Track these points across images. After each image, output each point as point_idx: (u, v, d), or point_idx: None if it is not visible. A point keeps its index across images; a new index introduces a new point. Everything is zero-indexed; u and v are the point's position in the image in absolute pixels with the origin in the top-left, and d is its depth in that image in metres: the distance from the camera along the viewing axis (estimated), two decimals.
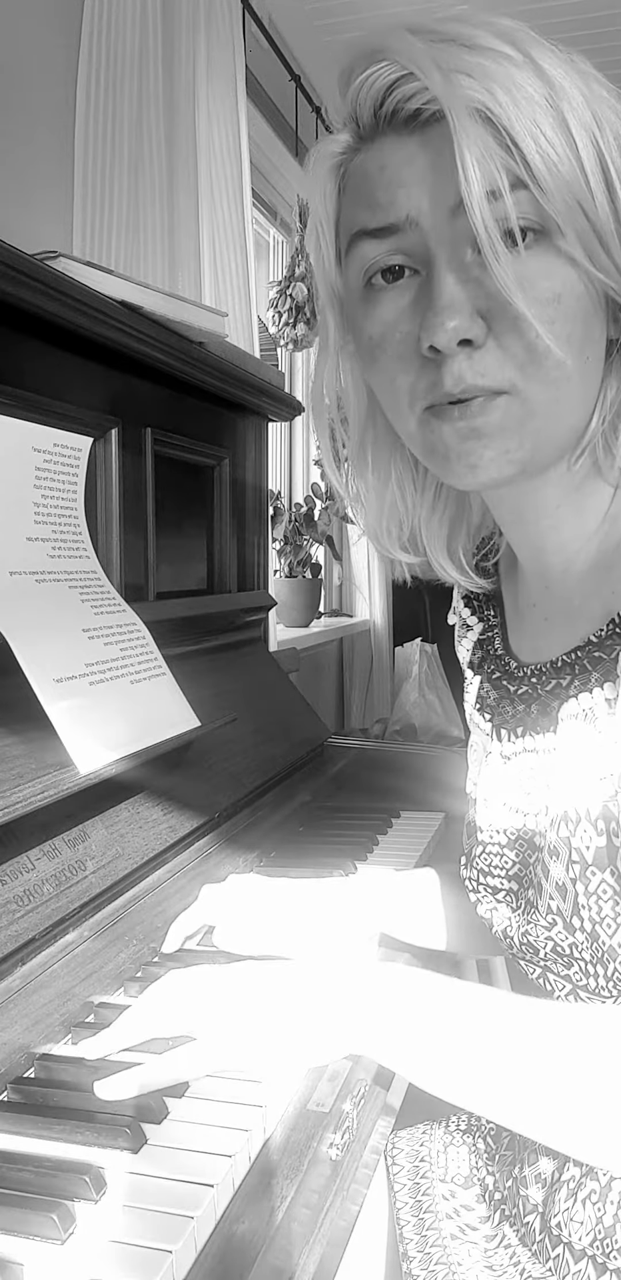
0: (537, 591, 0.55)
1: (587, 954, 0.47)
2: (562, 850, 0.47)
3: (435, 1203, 0.56)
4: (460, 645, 0.64)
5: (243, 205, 1.58)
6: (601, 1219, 0.47)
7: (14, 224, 1.17)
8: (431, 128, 0.43)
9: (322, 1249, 0.42)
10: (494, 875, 0.54)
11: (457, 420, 0.45)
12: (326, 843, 0.89)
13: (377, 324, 0.46)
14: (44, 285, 0.70)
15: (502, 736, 0.55)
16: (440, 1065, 0.44)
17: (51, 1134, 0.45)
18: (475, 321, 0.43)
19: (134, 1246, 0.38)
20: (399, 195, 0.44)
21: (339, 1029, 0.45)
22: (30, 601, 0.69)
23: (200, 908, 0.65)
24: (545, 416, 0.45)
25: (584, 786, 0.46)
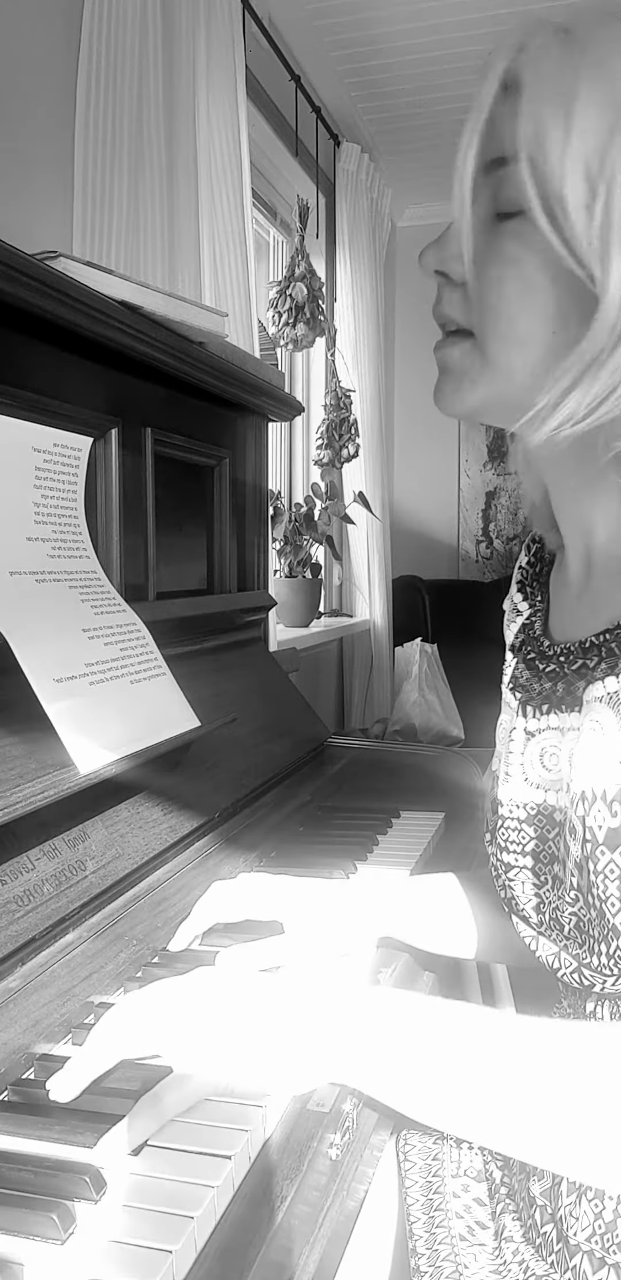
0: (577, 571, 0.56)
1: (596, 931, 0.47)
2: (578, 828, 0.47)
3: (446, 1200, 0.56)
4: (508, 629, 0.65)
5: (243, 205, 1.58)
6: (601, 1214, 0.47)
7: (14, 224, 1.17)
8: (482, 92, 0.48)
9: (323, 1248, 0.42)
10: (511, 850, 0.55)
11: (435, 351, 0.52)
12: (326, 843, 0.89)
13: None
14: (44, 285, 0.70)
15: (528, 713, 0.55)
16: (423, 1093, 0.43)
17: (51, 1134, 0.45)
18: (457, 262, 0.48)
19: (134, 1246, 0.38)
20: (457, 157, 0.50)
21: (321, 1058, 0.44)
22: (30, 601, 0.69)
23: (209, 906, 0.65)
24: (500, 369, 0.49)
25: (602, 768, 0.47)
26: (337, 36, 2.22)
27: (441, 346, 0.51)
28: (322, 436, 2.35)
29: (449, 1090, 0.43)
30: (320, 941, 0.62)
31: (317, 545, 2.21)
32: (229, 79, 1.56)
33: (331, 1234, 0.43)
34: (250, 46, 1.76)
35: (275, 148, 2.18)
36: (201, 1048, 0.44)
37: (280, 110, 2.15)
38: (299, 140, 2.24)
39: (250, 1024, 0.45)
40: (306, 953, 0.60)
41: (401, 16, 2.13)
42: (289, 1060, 0.44)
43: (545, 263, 0.45)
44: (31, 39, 1.23)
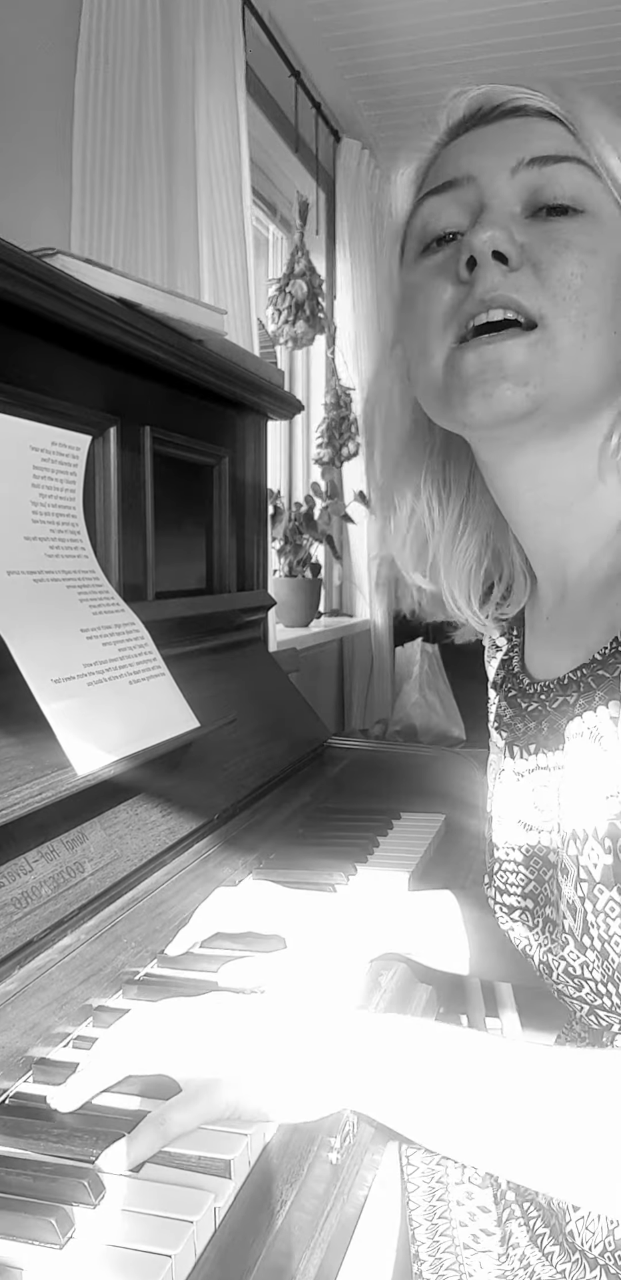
0: (552, 605, 0.55)
1: (598, 973, 0.46)
2: (572, 868, 0.46)
3: (450, 1208, 0.56)
4: (489, 665, 0.64)
5: (242, 202, 1.57)
6: (613, 1230, 0.47)
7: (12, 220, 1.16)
8: (510, 119, 0.49)
9: (323, 1253, 0.42)
10: (510, 893, 0.54)
11: (486, 344, 0.46)
12: (326, 844, 0.88)
13: (422, 271, 0.50)
14: (42, 282, 0.70)
15: (515, 754, 0.55)
16: (432, 1120, 0.43)
17: (50, 1138, 0.45)
18: (513, 245, 0.46)
19: (133, 1251, 0.38)
20: (464, 158, 0.49)
21: (328, 1087, 0.44)
22: (28, 601, 0.68)
23: (212, 913, 0.64)
24: (567, 361, 0.46)
25: (591, 805, 0.46)
26: (338, 32, 2.22)
27: (499, 340, 0.46)
28: (323, 435, 2.35)
29: (458, 1119, 0.43)
30: (321, 958, 0.61)
31: (318, 545, 2.20)
32: (228, 75, 1.55)
33: (331, 1239, 0.42)
34: (250, 43, 1.75)
35: (275, 144, 2.18)
36: (210, 1071, 0.44)
37: (280, 106, 2.14)
38: (299, 136, 2.24)
39: (259, 1050, 0.45)
40: (308, 970, 0.60)
41: (402, 12, 2.12)
42: (297, 1089, 0.44)
43: (612, 259, 0.47)
44: (30, 34, 1.22)
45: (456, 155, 0.50)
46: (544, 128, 0.48)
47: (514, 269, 0.46)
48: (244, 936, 0.65)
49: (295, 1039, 0.45)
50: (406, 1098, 0.44)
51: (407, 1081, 0.44)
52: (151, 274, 1.34)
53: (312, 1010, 0.47)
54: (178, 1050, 0.45)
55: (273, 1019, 0.47)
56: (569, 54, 2.24)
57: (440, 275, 0.48)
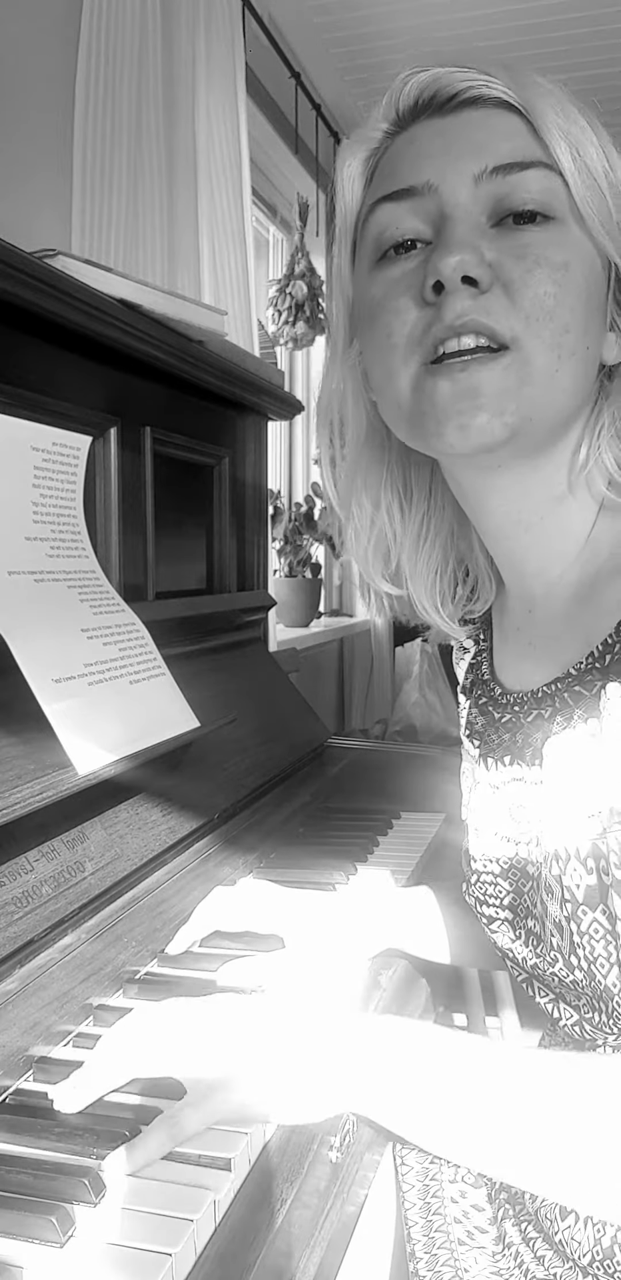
0: (521, 615, 0.54)
1: (588, 991, 0.46)
2: (555, 888, 0.46)
3: (444, 1205, 0.56)
4: (457, 667, 0.64)
5: (242, 203, 1.58)
6: (600, 1240, 0.47)
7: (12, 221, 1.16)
8: (465, 110, 0.46)
9: (323, 1251, 0.42)
10: (489, 904, 0.54)
11: (459, 373, 0.44)
12: (326, 844, 0.88)
13: (382, 285, 0.47)
14: (43, 283, 0.70)
15: (490, 765, 0.54)
16: (433, 1124, 0.43)
17: (50, 1136, 0.45)
18: (483, 266, 0.44)
19: (133, 1249, 0.38)
20: (422, 163, 0.46)
21: (331, 1089, 0.44)
22: (29, 601, 0.68)
23: (210, 911, 0.64)
24: (542, 384, 0.45)
25: (572, 824, 0.45)
26: (338, 33, 2.22)
27: (473, 369, 0.43)
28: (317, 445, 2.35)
29: (456, 1123, 0.43)
30: (320, 957, 0.61)
31: (318, 545, 2.20)
32: (228, 76, 1.56)
33: (331, 1238, 0.43)
34: (250, 43, 1.75)
35: (275, 145, 2.18)
36: (218, 1073, 0.44)
37: (280, 107, 2.15)
38: (299, 137, 2.24)
39: (265, 1053, 0.45)
40: (307, 969, 0.60)
41: (402, 13, 2.12)
42: (301, 1091, 0.44)
43: (586, 270, 0.45)
44: (30, 34, 1.22)
45: (413, 157, 0.46)
46: (504, 124, 0.45)
47: (484, 291, 0.44)
48: (242, 935, 0.65)
49: (299, 1042, 0.45)
50: (406, 1102, 0.44)
51: (407, 1086, 0.44)
52: (152, 275, 1.34)
53: (316, 1012, 0.47)
54: (183, 1052, 0.45)
55: (277, 1021, 0.46)
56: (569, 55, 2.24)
57: (403, 293, 0.46)
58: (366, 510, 0.56)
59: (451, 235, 0.44)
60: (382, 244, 0.47)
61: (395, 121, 0.48)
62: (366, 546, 0.56)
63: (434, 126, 0.46)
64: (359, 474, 0.55)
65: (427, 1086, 0.43)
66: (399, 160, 0.47)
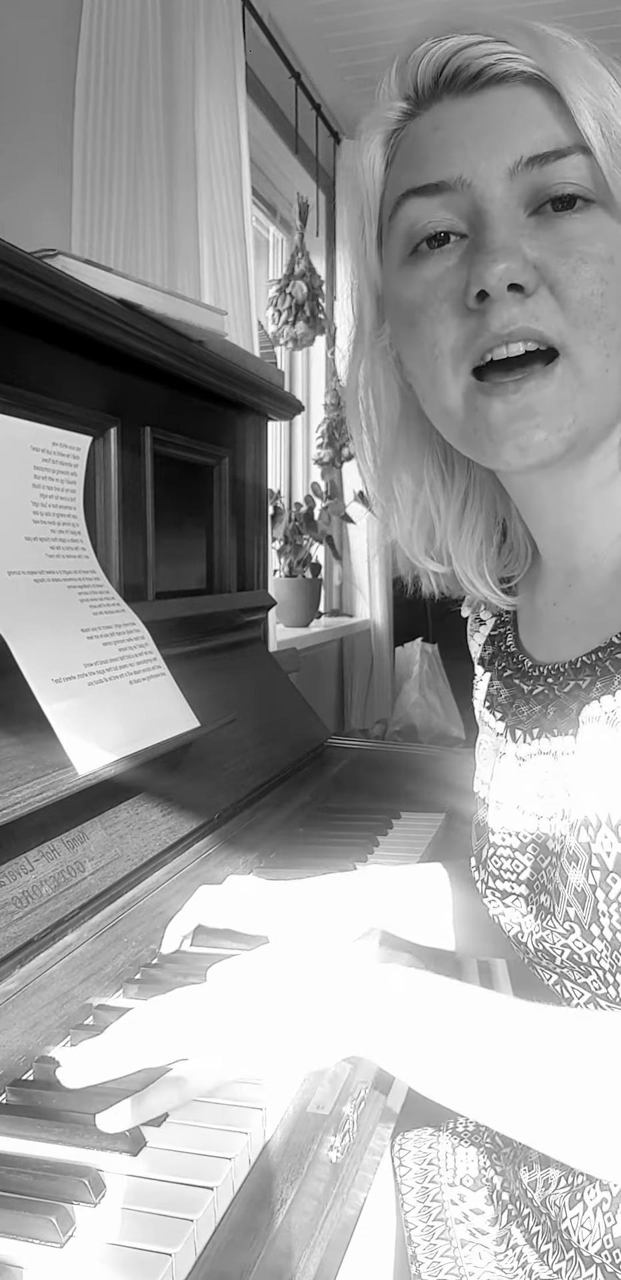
0: (559, 590, 0.54)
1: (607, 962, 0.46)
2: (582, 856, 0.45)
3: (445, 1208, 0.55)
4: (472, 639, 0.63)
5: (242, 203, 1.58)
6: (611, 1229, 0.47)
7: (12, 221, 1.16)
8: (490, 90, 0.43)
9: (323, 1251, 0.42)
10: (504, 879, 0.53)
11: (512, 394, 0.43)
12: (326, 844, 0.88)
13: (418, 285, 0.45)
14: (43, 283, 0.70)
15: (517, 737, 0.53)
16: (440, 1070, 0.43)
17: (50, 1136, 0.45)
18: (527, 269, 0.43)
19: (133, 1249, 0.38)
20: (453, 154, 0.44)
21: (338, 1031, 0.44)
22: (29, 601, 0.68)
23: (195, 907, 0.65)
24: (595, 388, 0.44)
25: (605, 791, 0.45)
26: (338, 33, 2.22)
27: (527, 388, 0.43)
28: (323, 435, 2.35)
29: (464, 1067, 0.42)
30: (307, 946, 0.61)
31: (318, 545, 2.20)
32: (228, 77, 1.56)
33: (331, 1238, 0.43)
34: (250, 44, 1.75)
35: (275, 145, 2.18)
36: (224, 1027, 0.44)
37: (280, 107, 2.15)
38: (299, 137, 2.24)
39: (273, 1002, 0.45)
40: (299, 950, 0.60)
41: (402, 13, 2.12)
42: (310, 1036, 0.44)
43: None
44: (30, 34, 1.22)
45: (440, 146, 0.44)
46: (533, 106, 0.42)
47: (530, 294, 0.42)
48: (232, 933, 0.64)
49: (306, 986, 0.45)
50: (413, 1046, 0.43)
51: (415, 1030, 0.43)
52: (152, 275, 1.34)
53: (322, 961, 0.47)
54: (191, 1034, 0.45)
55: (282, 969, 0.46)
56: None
57: (444, 298, 0.44)
58: (408, 489, 0.55)
59: (492, 239, 0.42)
60: (414, 237, 0.45)
61: (413, 100, 0.46)
62: (410, 526, 0.56)
63: (458, 109, 0.44)
64: (399, 454, 0.55)
65: (436, 1032, 0.43)
66: (424, 148, 0.45)
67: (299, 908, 0.63)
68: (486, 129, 0.43)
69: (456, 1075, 0.43)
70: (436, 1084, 0.43)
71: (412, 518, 0.56)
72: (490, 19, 0.44)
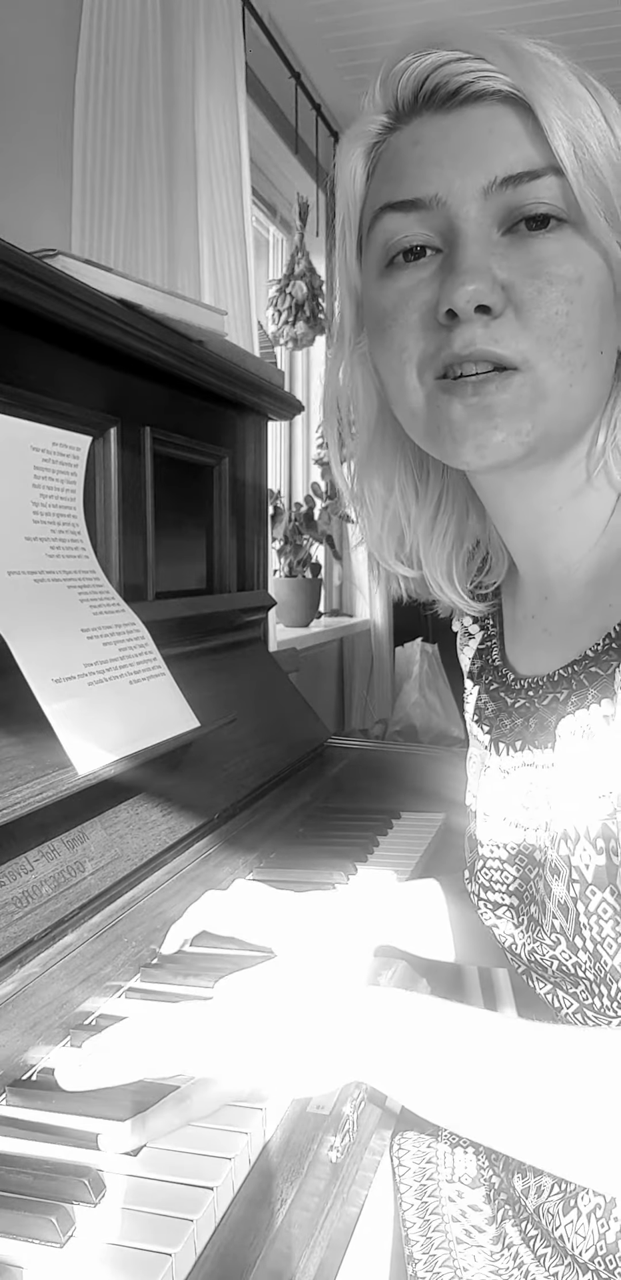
0: (536, 603, 0.55)
1: (591, 974, 0.46)
2: (563, 869, 0.46)
3: (442, 1204, 0.56)
4: (461, 654, 0.64)
5: (242, 203, 1.58)
6: (604, 1235, 0.47)
7: (12, 222, 1.16)
8: (468, 109, 0.44)
9: (323, 1251, 0.42)
10: (494, 890, 0.54)
11: (470, 396, 0.45)
12: (326, 844, 0.88)
13: (392, 295, 0.47)
14: (43, 283, 0.70)
15: (500, 750, 0.54)
16: (440, 1094, 0.43)
17: (50, 1136, 0.45)
18: (495, 290, 0.44)
19: (133, 1249, 0.38)
20: (430, 171, 0.45)
21: (339, 1057, 0.44)
22: (29, 601, 0.68)
23: (200, 912, 0.65)
24: (557, 400, 0.45)
25: (583, 804, 0.45)
26: (338, 33, 2.22)
27: (486, 391, 0.44)
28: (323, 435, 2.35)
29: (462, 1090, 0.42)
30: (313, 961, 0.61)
31: (318, 545, 2.20)
32: (228, 76, 1.56)
33: (331, 1238, 0.43)
34: (250, 43, 1.75)
35: (275, 145, 2.18)
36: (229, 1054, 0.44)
37: (280, 107, 2.15)
38: (299, 137, 2.24)
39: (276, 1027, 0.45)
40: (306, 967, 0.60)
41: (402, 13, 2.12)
42: (312, 1062, 0.44)
43: (597, 278, 0.44)
44: (30, 35, 1.22)
45: (418, 162, 0.45)
46: (509, 126, 0.43)
47: (496, 316, 0.44)
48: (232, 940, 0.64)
49: (306, 1013, 0.45)
50: (412, 1070, 0.43)
51: (414, 1054, 0.43)
52: (152, 275, 1.34)
53: (322, 986, 0.47)
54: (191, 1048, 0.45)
55: (285, 995, 0.46)
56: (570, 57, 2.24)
57: (415, 309, 0.46)
58: (379, 494, 0.56)
59: (463, 259, 0.44)
60: (391, 250, 0.47)
61: (394, 114, 0.47)
62: (380, 531, 0.57)
63: (437, 126, 0.45)
64: (372, 459, 0.56)
65: (436, 1056, 0.43)
66: (403, 163, 0.46)
67: (302, 919, 0.63)
68: (463, 148, 0.44)
69: (456, 1098, 0.43)
70: (437, 1107, 0.43)
71: (383, 522, 0.57)
72: (471, 34, 0.45)
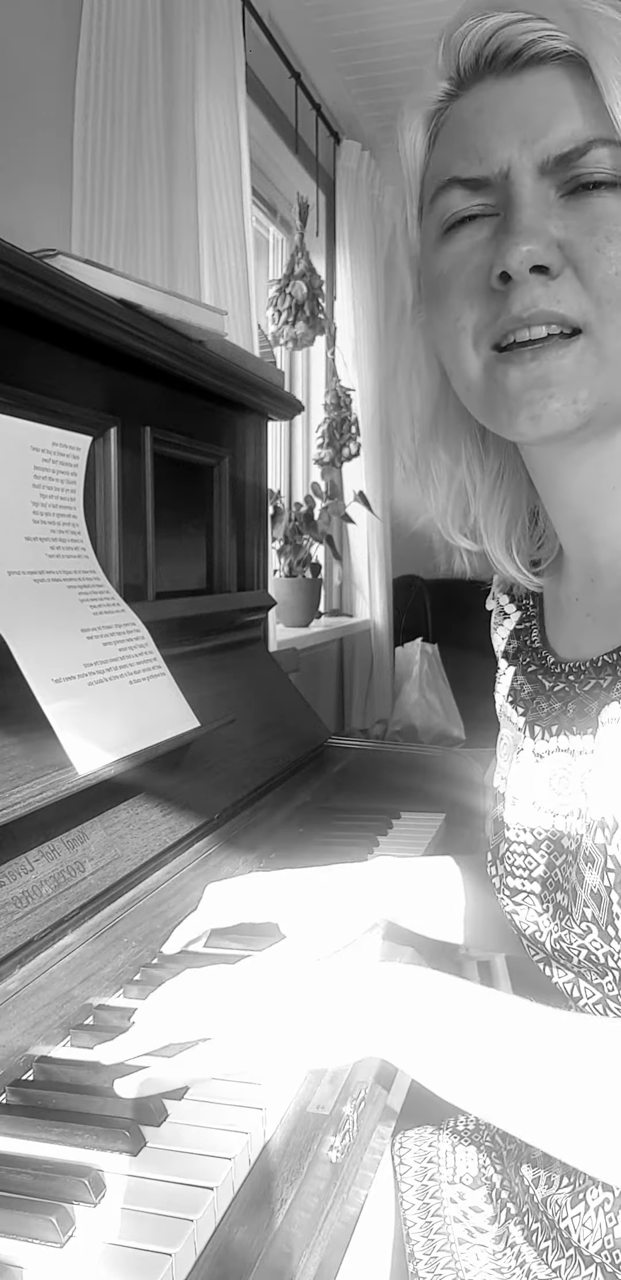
0: (581, 585, 0.54)
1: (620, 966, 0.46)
2: (598, 857, 0.45)
3: (443, 1205, 0.56)
4: (495, 633, 0.63)
5: (242, 203, 1.58)
6: (612, 1230, 0.47)
7: (12, 222, 1.16)
8: (529, 73, 0.44)
9: (323, 1252, 0.42)
10: (517, 875, 0.53)
11: (529, 362, 0.44)
12: (326, 844, 0.88)
13: (448, 259, 0.46)
14: (43, 283, 0.70)
15: (536, 734, 0.53)
16: (457, 1072, 0.43)
17: (50, 1136, 0.45)
18: (552, 249, 0.43)
19: (133, 1249, 0.38)
20: (493, 141, 0.44)
21: (354, 1032, 0.45)
22: (29, 601, 0.68)
23: (204, 915, 0.64)
24: (617, 367, 0.44)
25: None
26: (338, 33, 2.22)
27: (545, 357, 0.43)
28: (323, 436, 2.35)
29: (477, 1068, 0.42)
30: (319, 937, 0.61)
31: (318, 545, 2.20)
32: (228, 76, 1.56)
33: (331, 1238, 0.43)
34: (250, 43, 1.75)
35: (275, 145, 2.18)
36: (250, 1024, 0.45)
37: (280, 107, 2.15)
38: (299, 137, 2.24)
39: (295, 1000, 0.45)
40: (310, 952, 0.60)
41: (402, 13, 2.12)
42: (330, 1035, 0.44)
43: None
44: (30, 35, 1.22)
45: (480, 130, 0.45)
46: (569, 92, 0.42)
47: (555, 276, 0.43)
48: (237, 930, 0.64)
49: (328, 989, 0.46)
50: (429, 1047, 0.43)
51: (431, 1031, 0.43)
52: (152, 275, 1.34)
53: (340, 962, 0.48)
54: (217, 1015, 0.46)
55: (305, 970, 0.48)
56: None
57: (471, 274, 0.45)
58: (445, 465, 0.56)
59: (518, 221, 0.43)
60: (450, 220, 0.46)
61: (455, 81, 0.47)
62: (446, 502, 0.56)
63: (498, 91, 0.44)
64: (438, 431, 0.55)
65: (455, 1034, 0.43)
66: (467, 131, 0.46)
67: (308, 895, 0.62)
68: (523, 119, 0.44)
69: (475, 1078, 0.43)
70: (454, 1087, 0.43)
71: (448, 493, 0.56)
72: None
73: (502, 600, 0.62)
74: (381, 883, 0.64)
